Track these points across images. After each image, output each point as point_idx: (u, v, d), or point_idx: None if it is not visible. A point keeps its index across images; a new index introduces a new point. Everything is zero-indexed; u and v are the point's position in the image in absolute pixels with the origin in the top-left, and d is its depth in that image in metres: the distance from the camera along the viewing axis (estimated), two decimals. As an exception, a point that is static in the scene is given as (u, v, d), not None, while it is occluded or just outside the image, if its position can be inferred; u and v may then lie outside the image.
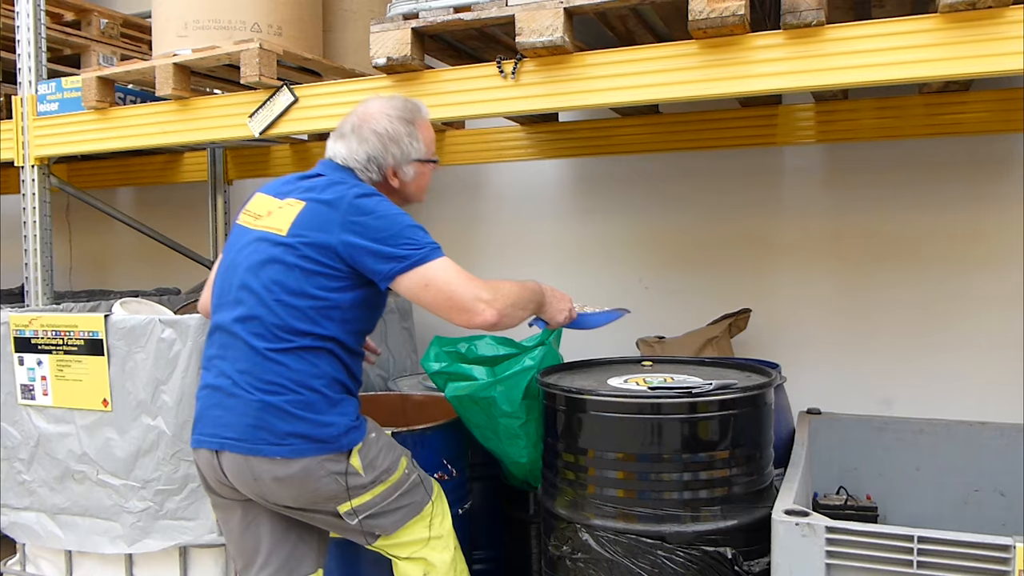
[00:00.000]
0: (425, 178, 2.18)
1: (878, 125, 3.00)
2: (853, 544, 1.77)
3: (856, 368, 3.25)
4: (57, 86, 3.16)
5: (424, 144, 2.11)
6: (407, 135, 2.08)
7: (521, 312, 2.02)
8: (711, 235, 3.48)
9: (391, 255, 1.94)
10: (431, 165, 2.17)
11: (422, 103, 2.16)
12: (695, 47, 2.15)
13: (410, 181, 2.13)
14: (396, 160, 2.09)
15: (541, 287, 2.11)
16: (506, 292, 1.97)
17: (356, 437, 2.02)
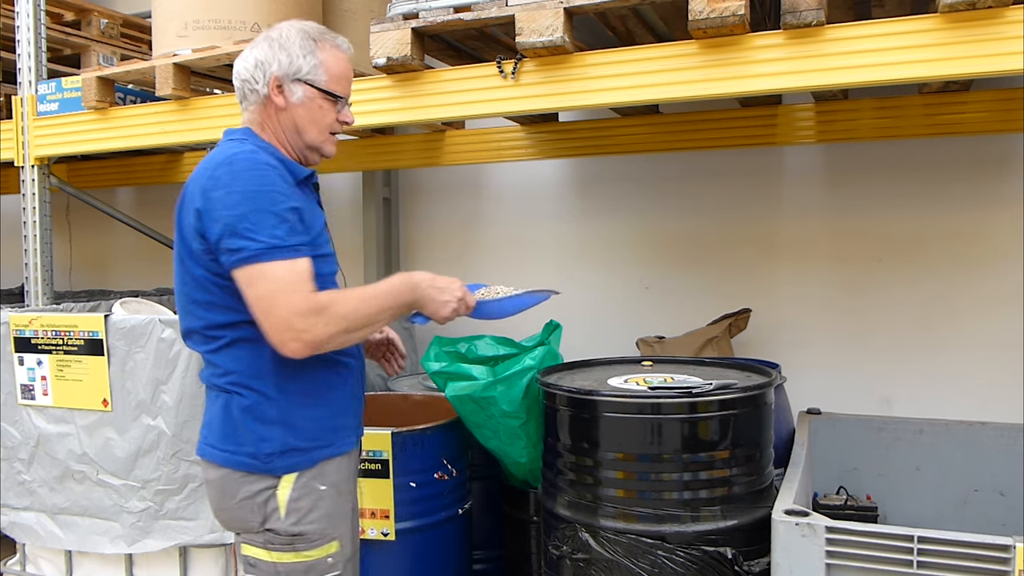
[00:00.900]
0: (322, 113, 1.81)
1: (878, 125, 3.00)
2: (853, 544, 1.77)
3: (856, 368, 3.25)
4: (57, 86, 3.16)
5: (325, 70, 1.80)
6: (301, 47, 1.78)
7: (362, 331, 1.68)
8: (711, 235, 3.48)
9: (227, 247, 1.62)
10: (332, 101, 1.82)
11: (344, 39, 1.88)
12: (695, 47, 2.14)
13: (297, 104, 1.79)
14: (282, 69, 1.77)
15: (413, 282, 1.75)
16: (339, 314, 1.63)
17: (297, 463, 1.73)
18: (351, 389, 1.86)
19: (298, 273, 1.62)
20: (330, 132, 1.86)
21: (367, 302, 1.68)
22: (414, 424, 2.53)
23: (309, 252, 1.67)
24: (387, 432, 2.43)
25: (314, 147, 1.85)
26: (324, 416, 1.78)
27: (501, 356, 2.68)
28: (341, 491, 1.80)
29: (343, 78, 1.85)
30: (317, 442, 1.76)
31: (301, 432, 1.74)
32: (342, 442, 1.82)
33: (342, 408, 1.83)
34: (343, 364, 1.83)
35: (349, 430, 1.86)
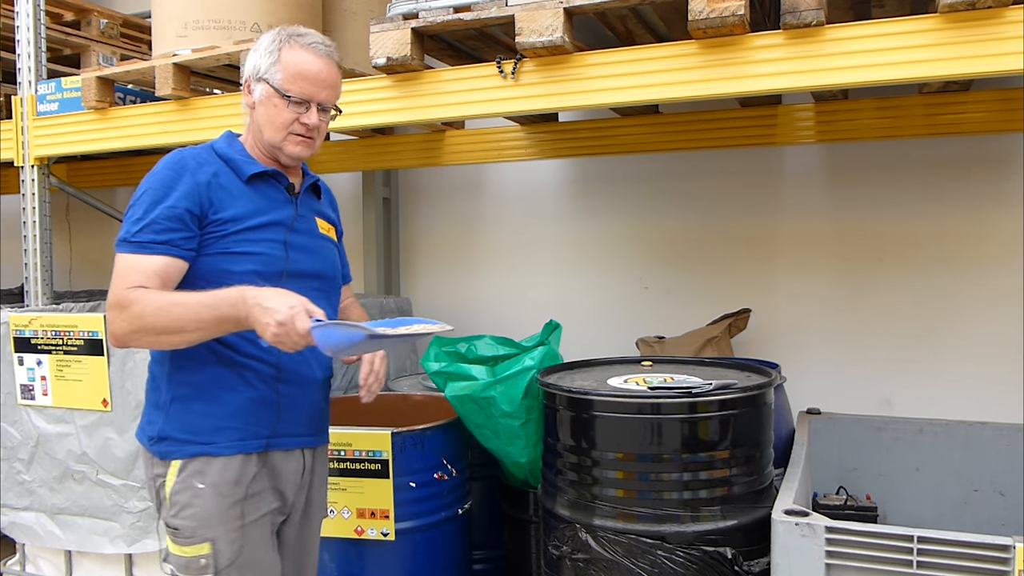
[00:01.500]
0: (276, 112, 1.80)
1: (878, 125, 3.00)
2: (853, 544, 1.77)
3: (856, 368, 3.25)
4: (57, 86, 3.16)
5: (280, 68, 1.79)
6: (266, 50, 1.82)
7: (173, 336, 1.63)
8: (711, 235, 3.48)
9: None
10: (285, 102, 1.79)
11: (320, 41, 1.84)
12: (695, 47, 2.14)
13: (258, 103, 1.83)
14: (249, 70, 1.84)
15: (242, 296, 1.58)
16: (136, 314, 1.62)
17: (170, 451, 1.77)
18: (260, 395, 1.80)
19: (132, 267, 1.67)
20: (292, 132, 1.82)
21: (173, 308, 1.62)
22: (414, 424, 2.53)
23: (177, 251, 1.69)
24: (387, 432, 2.43)
25: (275, 146, 1.84)
26: (207, 413, 1.77)
27: (501, 356, 2.68)
28: (223, 494, 1.75)
29: (301, 77, 1.80)
30: (193, 437, 1.76)
31: (178, 423, 1.77)
32: (225, 444, 1.77)
33: (236, 410, 1.78)
34: (248, 367, 1.79)
35: (240, 434, 1.78)
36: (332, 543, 2.46)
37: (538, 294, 3.75)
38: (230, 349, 1.77)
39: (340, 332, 1.52)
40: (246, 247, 1.77)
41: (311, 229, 1.93)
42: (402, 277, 4.08)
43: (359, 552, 2.46)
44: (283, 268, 1.81)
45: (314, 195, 2.01)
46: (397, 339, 1.61)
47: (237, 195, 1.79)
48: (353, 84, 2.61)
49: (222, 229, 1.75)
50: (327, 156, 3.84)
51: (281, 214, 1.85)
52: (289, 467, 1.87)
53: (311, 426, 1.93)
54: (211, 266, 1.74)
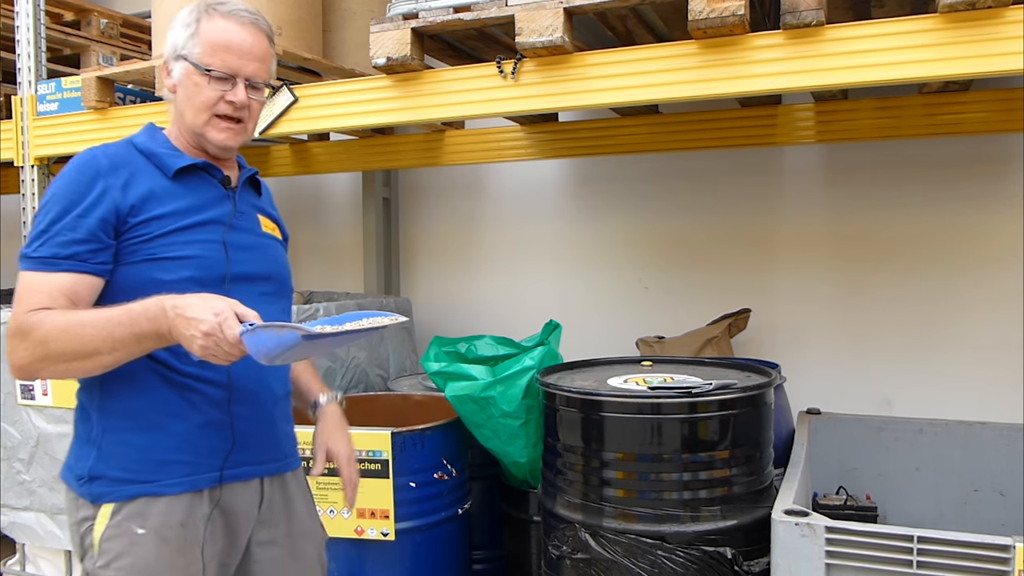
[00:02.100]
0: (196, 91, 1.59)
1: (878, 125, 3.00)
2: (853, 544, 1.77)
3: (856, 368, 3.25)
4: (57, 86, 3.16)
5: (199, 40, 1.59)
6: (183, 20, 1.63)
7: (85, 361, 1.42)
8: (711, 235, 3.48)
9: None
10: (206, 78, 1.58)
11: (243, 8, 1.65)
12: (695, 47, 2.14)
13: (178, 83, 1.62)
14: (169, 50, 1.64)
15: (162, 306, 1.37)
16: (38, 340, 1.41)
17: (104, 493, 1.52)
18: (210, 420, 1.56)
19: (34, 287, 1.45)
20: (216, 114, 1.60)
21: (82, 328, 1.40)
22: (414, 424, 2.53)
23: (85, 267, 1.47)
24: (387, 432, 2.43)
25: (198, 133, 1.62)
26: (148, 445, 1.52)
27: (501, 356, 2.68)
28: (167, 539, 1.50)
29: (223, 50, 1.58)
30: (131, 474, 1.51)
31: (112, 459, 1.52)
32: (169, 481, 1.52)
33: (183, 440, 1.54)
34: (193, 388, 1.55)
35: (188, 468, 1.54)
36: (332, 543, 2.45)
37: (538, 294, 3.75)
38: (172, 368, 1.53)
39: (272, 336, 1.30)
40: (178, 251, 1.54)
41: (253, 227, 1.71)
42: (402, 277, 4.08)
43: (359, 552, 2.46)
44: (224, 272, 1.58)
45: (253, 190, 1.79)
46: (340, 338, 1.40)
47: (162, 194, 1.56)
48: (353, 84, 2.61)
49: (147, 232, 1.52)
50: (327, 156, 3.84)
51: (217, 211, 1.63)
52: (245, 500, 1.62)
53: (272, 451, 1.68)
54: (138, 276, 1.51)
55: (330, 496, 2.45)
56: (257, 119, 1.70)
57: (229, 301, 1.37)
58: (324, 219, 4.31)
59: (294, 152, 3.94)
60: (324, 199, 4.32)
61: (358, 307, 3.23)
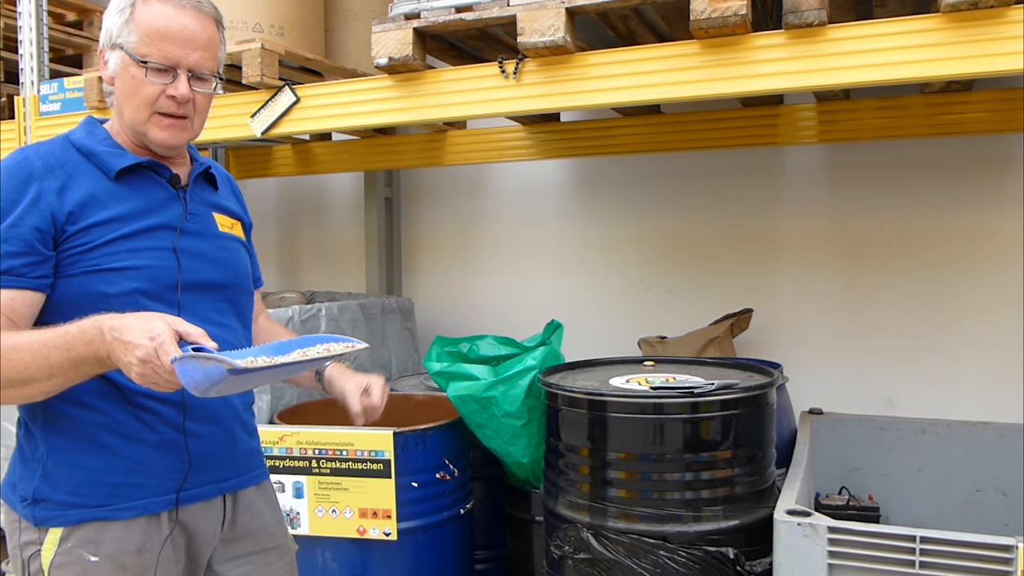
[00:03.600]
0: (134, 84, 1.46)
1: (879, 125, 3.00)
2: (855, 544, 1.77)
3: (858, 368, 3.25)
4: (59, 86, 3.16)
5: (135, 28, 1.44)
6: (118, 10, 1.48)
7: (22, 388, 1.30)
8: (713, 235, 3.47)
9: None
10: (143, 70, 1.45)
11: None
12: (697, 47, 2.14)
13: (115, 76, 1.49)
14: (105, 39, 1.50)
15: (100, 328, 1.26)
16: None
17: (49, 517, 1.42)
18: (164, 440, 1.46)
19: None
20: (157, 111, 1.47)
21: (15, 353, 1.28)
22: (416, 424, 2.53)
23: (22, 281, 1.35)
24: (389, 432, 2.43)
25: (139, 131, 1.49)
26: (97, 468, 1.42)
27: (503, 356, 2.68)
28: (123, 567, 1.41)
29: (162, 37, 1.44)
30: (80, 498, 1.41)
31: (59, 481, 1.41)
32: (122, 505, 1.43)
33: (136, 463, 1.44)
34: (145, 407, 1.44)
35: (142, 492, 1.44)
36: (334, 543, 2.47)
37: (540, 294, 3.75)
38: (120, 385, 1.42)
39: (198, 368, 1.16)
40: (123, 260, 1.42)
41: (207, 229, 1.58)
42: (404, 277, 4.08)
43: (361, 552, 2.46)
44: (175, 281, 1.46)
45: (208, 185, 1.65)
46: (277, 370, 1.25)
47: (104, 197, 1.44)
48: (355, 84, 2.61)
49: (88, 241, 1.40)
50: (329, 156, 3.85)
51: (166, 215, 1.50)
52: (206, 519, 1.54)
53: (233, 467, 1.59)
54: (80, 289, 1.39)
55: (332, 496, 2.45)
56: (205, 114, 1.56)
57: (170, 320, 1.23)
58: (326, 219, 4.31)
59: (296, 152, 3.94)
60: (326, 199, 4.32)
61: (360, 307, 3.24)
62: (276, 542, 1.69)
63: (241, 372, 1.18)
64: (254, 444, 1.68)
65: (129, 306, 1.34)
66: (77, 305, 1.37)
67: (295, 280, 4.36)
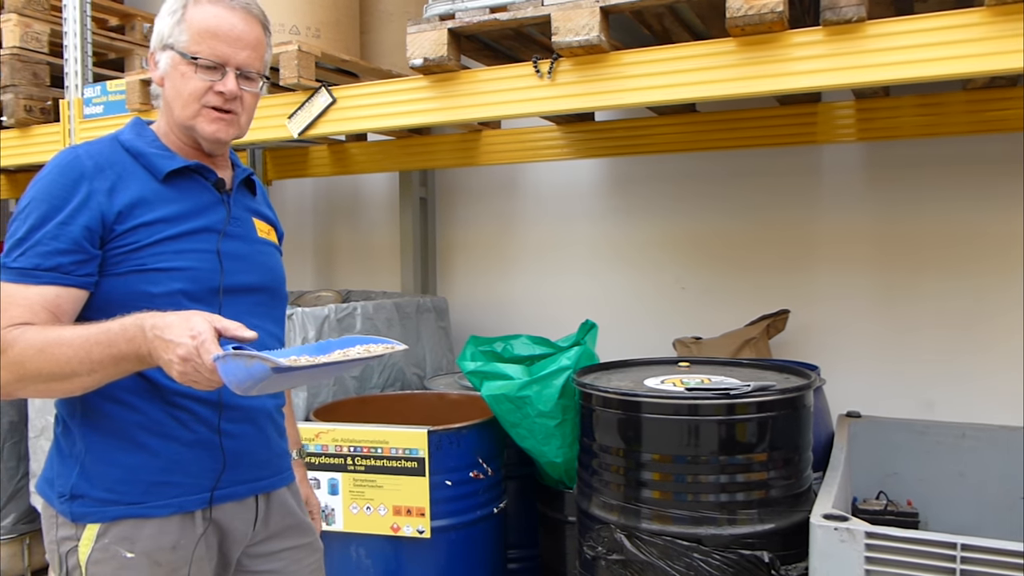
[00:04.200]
0: (183, 81, 1.50)
1: (921, 122, 2.94)
2: (893, 550, 1.74)
3: (897, 370, 3.19)
4: (102, 89, 3.23)
5: (186, 27, 1.49)
6: (170, 12, 1.52)
7: (61, 383, 1.33)
8: (749, 235, 3.44)
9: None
10: (193, 67, 1.49)
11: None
12: (733, 45, 2.12)
13: (165, 75, 1.53)
14: (155, 41, 1.54)
15: (142, 326, 1.27)
16: (13, 359, 1.31)
17: (86, 513, 1.44)
18: (199, 439, 1.48)
19: (14, 300, 1.35)
20: (205, 105, 1.50)
21: (58, 348, 1.30)
22: (450, 423, 2.54)
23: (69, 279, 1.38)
24: (423, 431, 2.44)
25: (188, 126, 1.52)
26: (135, 466, 1.44)
27: (537, 356, 2.68)
28: (159, 563, 1.44)
29: (211, 37, 1.49)
30: (116, 495, 1.43)
31: (96, 478, 1.44)
32: (158, 503, 1.45)
33: (171, 462, 1.46)
34: (181, 406, 1.46)
35: (177, 490, 1.46)
36: (369, 539, 2.49)
37: (574, 294, 3.75)
38: (158, 384, 1.44)
39: (241, 366, 1.18)
40: (169, 262, 1.44)
41: (248, 233, 1.61)
42: (439, 276, 4.10)
43: (395, 549, 2.48)
44: (218, 284, 1.49)
45: (248, 191, 1.69)
46: (319, 370, 1.26)
47: (152, 199, 1.46)
48: (390, 85, 2.63)
49: (134, 241, 1.43)
50: (364, 156, 3.88)
51: (211, 218, 1.53)
52: (239, 518, 1.56)
53: (266, 468, 1.61)
54: (126, 289, 1.42)
55: (367, 493, 2.47)
56: (252, 113, 1.59)
57: (210, 318, 1.24)
58: (362, 219, 4.35)
59: (332, 153, 3.98)
60: (362, 199, 4.35)
61: (395, 306, 3.26)
62: (307, 539, 1.72)
63: (284, 371, 1.19)
64: (284, 445, 1.70)
65: (172, 306, 1.35)
66: (121, 303, 1.39)
67: (331, 279, 4.40)
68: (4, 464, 3.25)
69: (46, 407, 3.06)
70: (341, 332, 2.89)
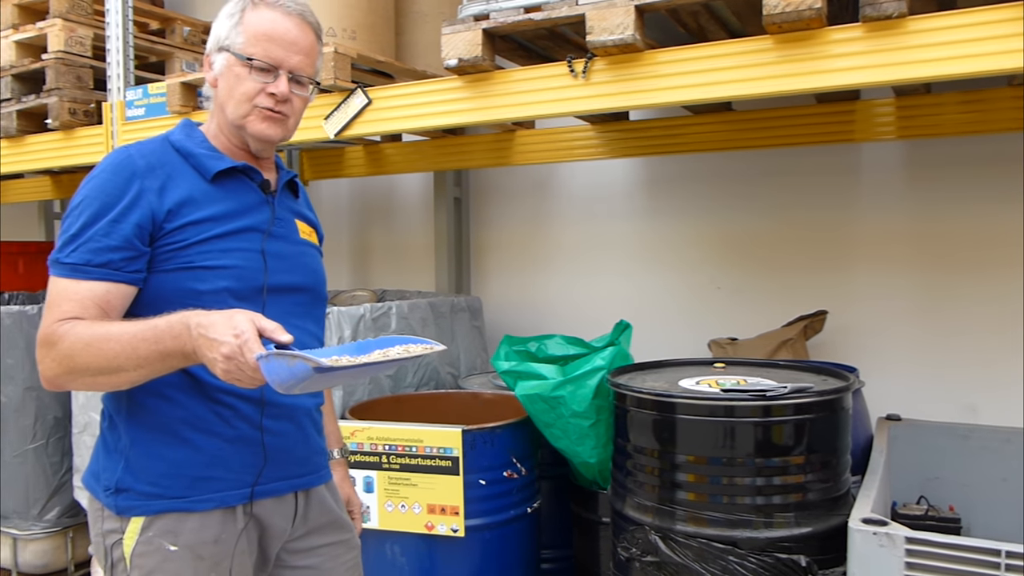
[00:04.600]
0: (237, 82, 1.54)
1: (963, 119, 2.88)
2: (935, 556, 1.70)
3: (939, 373, 3.13)
4: (144, 92, 3.29)
5: (243, 30, 1.54)
6: (227, 16, 1.57)
7: (108, 376, 1.36)
8: (785, 235, 3.40)
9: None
10: (247, 69, 1.53)
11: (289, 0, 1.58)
12: (770, 42, 2.10)
13: (219, 76, 1.57)
14: (212, 43, 1.59)
15: (187, 324, 1.30)
16: (64, 352, 1.35)
17: (132, 507, 1.48)
18: (241, 436, 1.52)
19: (65, 295, 1.39)
20: (256, 105, 1.54)
21: (106, 343, 1.33)
22: (484, 422, 2.55)
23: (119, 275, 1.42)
24: (457, 430, 2.45)
25: (239, 125, 1.56)
26: (179, 461, 1.48)
27: (571, 356, 2.68)
28: (201, 556, 1.47)
29: (266, 39, 1.53)
30: (161, 489, 1.47)
31: (141, 472, 1.48)
32: (201, 497, 1.48)
33: (214, 457, 1.49)
34: (224, 403, 1.50)
35: (220, 485, 1.50)
36: (403, 537, 2.50)
37: (608, 294, 3.74)
38: (203, 381, 1.47)
39: (284, 365, 1.21)
40: (216, 260, 1.48)
41: (291, 234, 1.65)
42: (473, 276, 4.12)
43: (429, 547, 2.50)
44: (262, 283, 1.52)
45: (291, 193, 1.73)
46: (360, 369, 1.29)
47: (200, 198, 1.50)
48: (425, 86, 2.65)
49: (183, 239, 1.47)
50: (399, 157, 3.90)
51: (256, 218, 1.57)
52: (278, 514, 1.59)
53: (305, 465, 1.64)
54: (173, 285, 1.46)
55: (401, 491, 2.49)
56: (300, 117, 1.63)
57: (252, 317, 1.27)
58: (397, 219, 4.38)
59: (367, 153, 4.01)
60: (396, 199, 4.38)
61: (429, 306, 3.28)
62: (344, 536, 1.74)
63: (326, 371, 1.21)
64: (322, 443, 1.73)
65: (218, 304, 1.38)
66: (169, 300, 1.42)
67: (366, 278, 4.44)
68: (49, 459, 3.32)
69: (89, 404, 3.13)
70: (377, 331, 2.92)
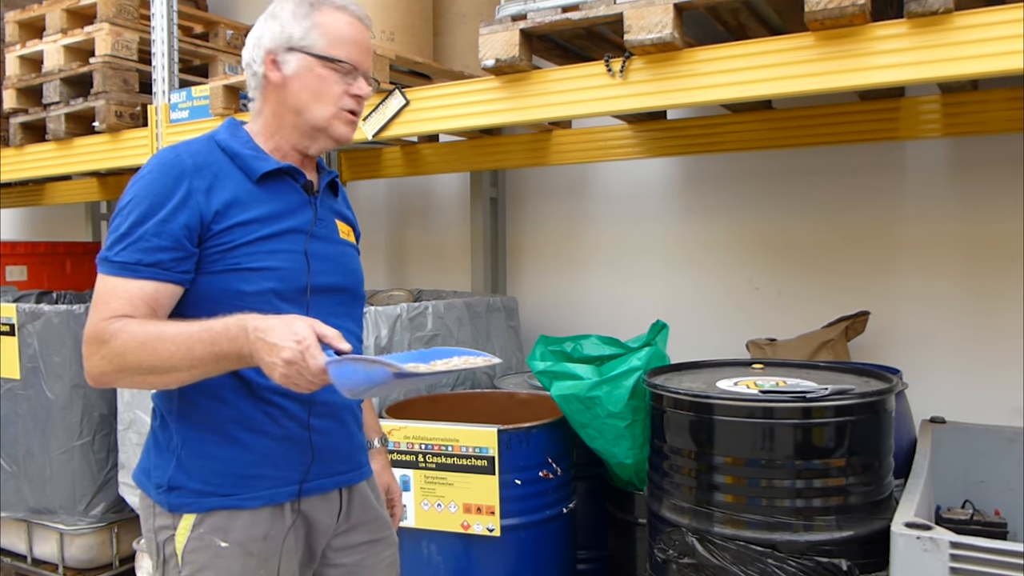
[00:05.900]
0: (323, 84, 1.56)
1: (1011, 116, 2.81)
2: (981, 561, 1.67)
3: (984, 375, 3.06)
4: (187, 95, 3.35)
5: (321, 33, 1.55)
6: (292, 13, 1.58)
7: (160, 376, 1.38)
8: (827, 234, 3.35)
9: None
10: (334, 69, 1.56)
11: (350, 2, 1.62)
12: (812, 39, 2.07)
13: (293, 76, 1.56)
14: (273, 41, 1.59)
15: (245, 327, 1.32)
16: (115, 351, 1.36)
17: (184, 504, 1.50)
18: (289, 435, 1.54)
19: (115, 293, 1.40)
20: (341, 108, 1.57)
21: (161, 343, 1.35)
22: (519, 422, 2.55)
23: (168, 275, 1.43)
24: (493, 429, 2.46)
25: (320, 127, 1.58)
26: (229, 459, 1.50)
27: (607, 356, 2.67)
28: (251, 553, 1.49)
29: (347, 42, 1.56)
30: (211, 487, 1.49)
31: (192, 470, 1.50)
32: (250, 495, 1.50)
33: (263, 456, 1.52)
34: (273, 402, 1.52)
35: (269, 483, 1.52)
36: (439, 536, 2.52)
37: (645, 294, 3.72)
38: (252, 381, 1.50)
39: (360, 370, 1.24)
40: (261, 261, 1.49)
41: (332, 235, 1.66)
42: (509, 276, 4.12)
43: (465, 546, 2.50)
44: (306, 284, 1.54)
45: (332, 193, 1.74)
46: (429, 377, 1.33)
47: (246, 199, 1.51)
48: (462, 86, 2.66)
49: (230, 240, 1.48)
50: (436, 157, 3.92)
51: (299, 219, 1.58)
52: (324, 511, 1.62)
53: (349, 461, 1.67)
54: (219, 286, 1.47)
55: (438, 490, 2.50)
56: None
57: (311, 323, 1.30)
58: (433, 219, 4.40)
59: (405, 154, 4.04)
60: (433, 199, 4.41)
61: (465, 305, 3.29)
62: (384, 533, 1.77)
63: (404, 376, 1.24)
64: (362, 439, 1.76)
65: (263, 305, 1.41)
66: (215, 300, 1.45)
67: (403, 278, 4.47)
68: (95, 455, 3.39)
69: (134, 401, 3.19)
70: (413, 331, 2.93)
